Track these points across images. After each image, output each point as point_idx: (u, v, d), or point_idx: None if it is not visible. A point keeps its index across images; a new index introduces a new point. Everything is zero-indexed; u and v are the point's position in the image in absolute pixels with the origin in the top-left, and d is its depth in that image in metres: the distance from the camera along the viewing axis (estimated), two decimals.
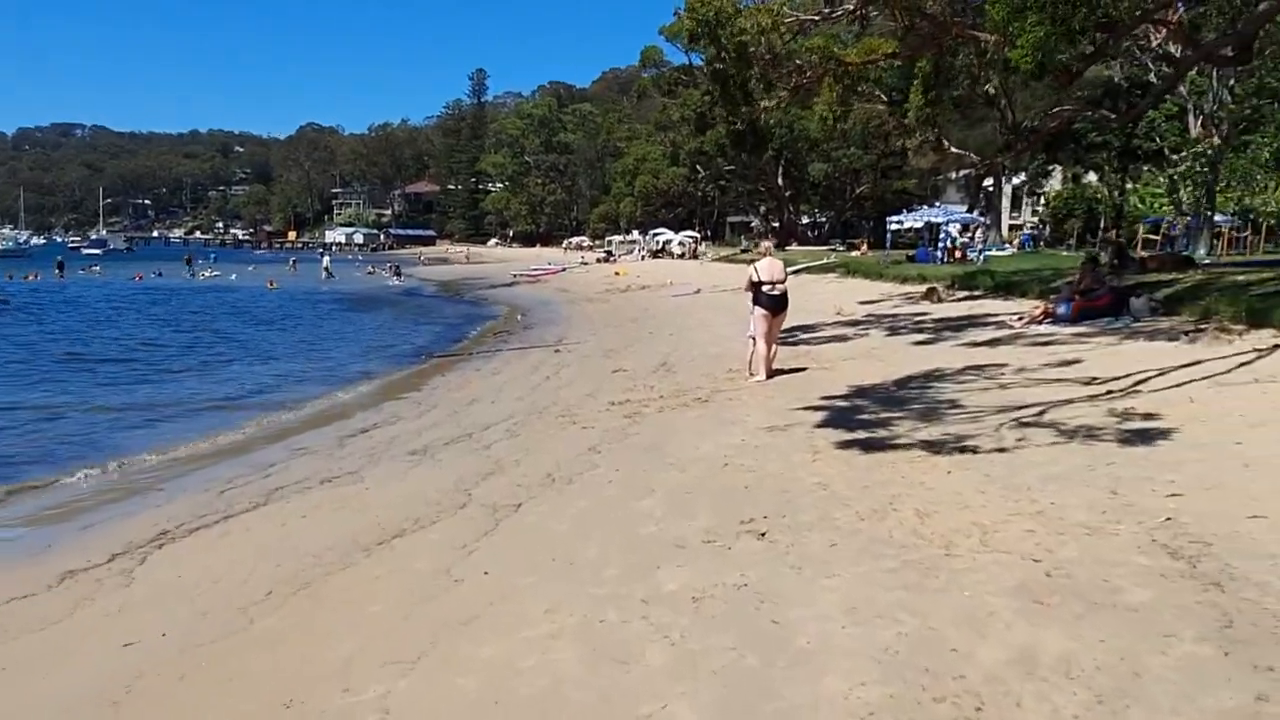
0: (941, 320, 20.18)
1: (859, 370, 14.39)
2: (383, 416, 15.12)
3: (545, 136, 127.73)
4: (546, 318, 34.26)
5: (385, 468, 10.74)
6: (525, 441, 11.45)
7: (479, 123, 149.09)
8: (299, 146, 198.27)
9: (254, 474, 11.08)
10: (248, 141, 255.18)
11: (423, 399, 16.91)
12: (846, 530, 6.47)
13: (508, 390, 16.84)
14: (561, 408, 13.84)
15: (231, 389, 18.97)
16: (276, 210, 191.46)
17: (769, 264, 14.34)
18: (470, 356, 24.10)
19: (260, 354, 25.46)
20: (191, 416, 15.92)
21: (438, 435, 12.64)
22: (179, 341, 28.01)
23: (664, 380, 15.57)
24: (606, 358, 20.11)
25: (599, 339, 24.54)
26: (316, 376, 21.18)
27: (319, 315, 39.61)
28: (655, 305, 33.70)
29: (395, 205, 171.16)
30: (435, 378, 20.22)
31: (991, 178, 63.11)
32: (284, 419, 15.63)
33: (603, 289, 45.40)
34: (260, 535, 8.10)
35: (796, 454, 9.01)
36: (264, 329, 33.01)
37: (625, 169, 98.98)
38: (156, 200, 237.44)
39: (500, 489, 8.90)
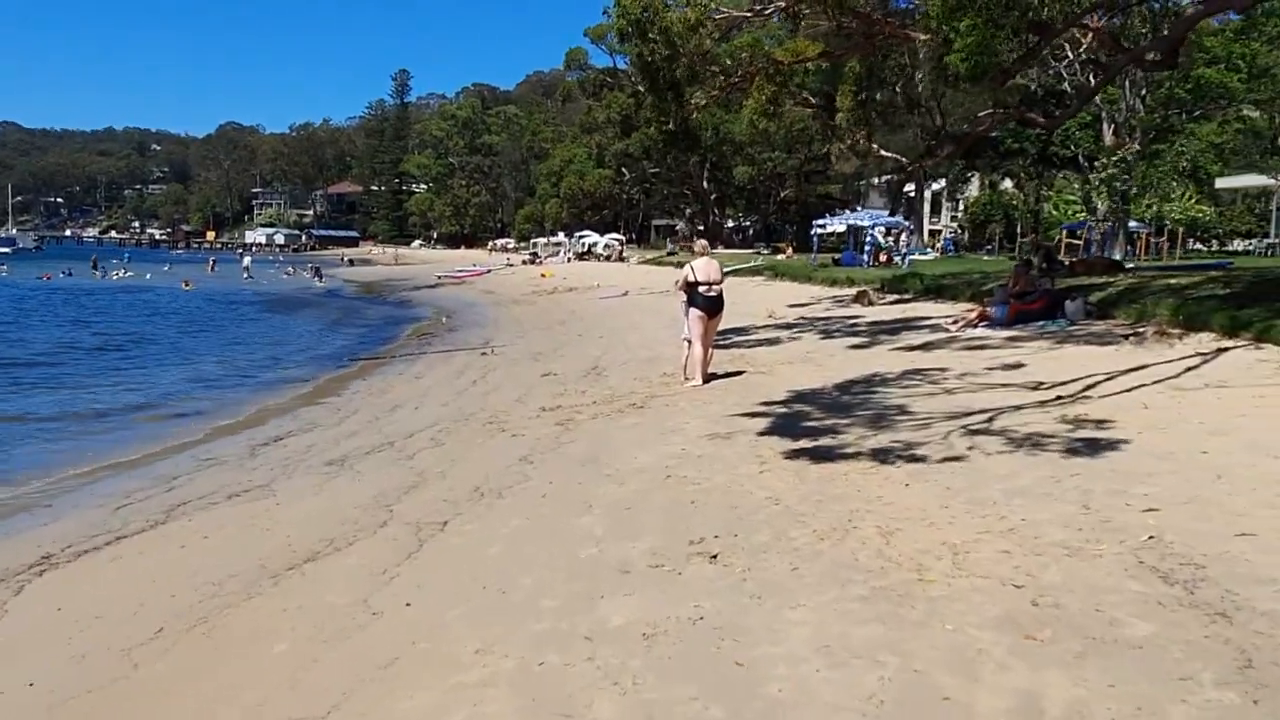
0: (875, 323, 19.86)
1: (797, 374, 13.93)
2: (299, 423, 14.31)
3: (469, 138, 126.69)
4: (472, 320, 33.46)
5: (299, 480, 9.99)
6: (451, 451, 10.77)
7: (402, 123, 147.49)
8: (218, 145, 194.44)
9: (155, 487, 10.25)
10: (165, 140, 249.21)
11: (342, 404, 16.12)
12: (807, 552, 5.93)
13: (432, 395, 16.11)
14: (489, 414, 13.17)
15: (138, 395, 17.95)
16: (195, 210, 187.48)
17: (706, 264, 13.82)
18: (393, 360, 23.27)
19: (171, 357, 24.35)
20: (91, 425, 14.94)
21: (357, 444, 11.89)
22: (83, 344, 26.67)
23: (596, 385, 14.97)
24: (535, 361, 19.45)
25: (527, 342, 23.87)
26: (231, 381, 20.23)
27: (236, 317, 38.36)
28: (583, 308, 33.08)
29: (317, 206, 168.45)
30: (356, 382, 19.40)
31: (913, 183, 63.66)
32: (193, 427, 14.74)
33: (529, 291, 44.64)
34: (156, 559, 7.33)
35: (743, 465, 8.46)
36: (177, 331, 31.72)
37: (550, 171, 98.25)
38: (69, 199, 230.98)
39: (424, 504, 8.23)
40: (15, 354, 23.97)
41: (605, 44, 79.17)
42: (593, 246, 78.57)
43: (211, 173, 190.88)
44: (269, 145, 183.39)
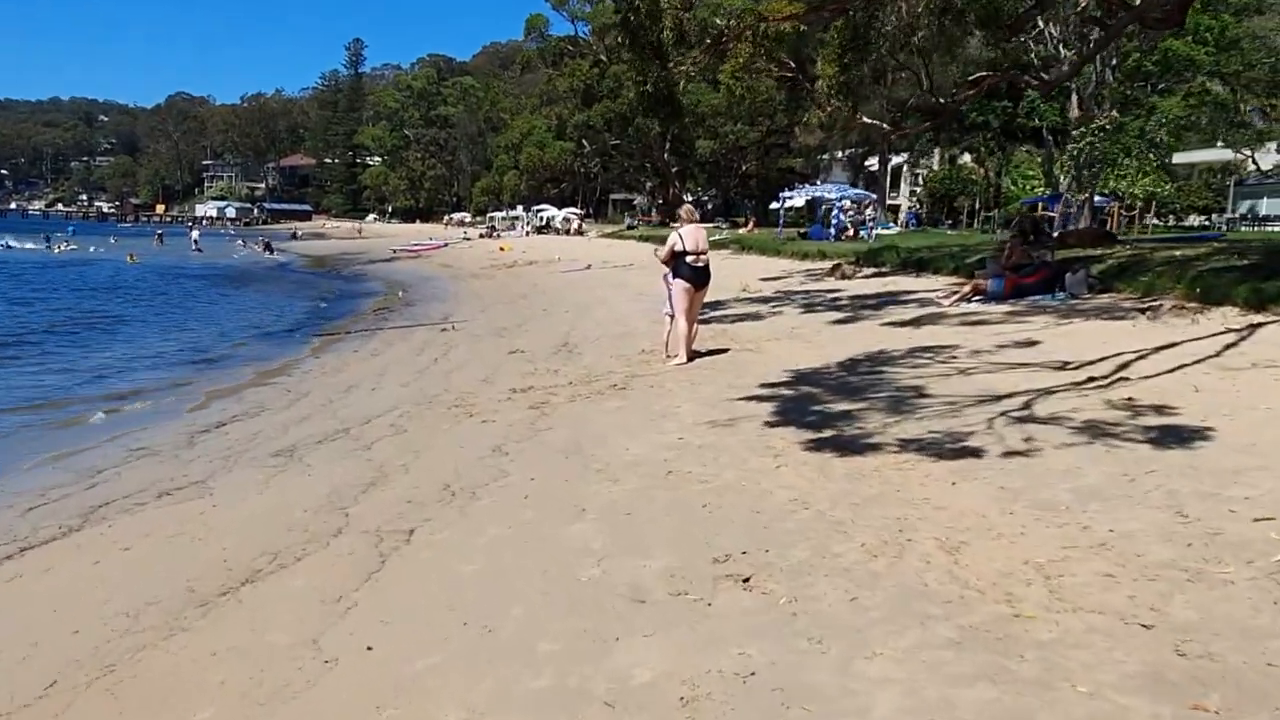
0: (858, 297, 18.85)
1: (789, 352, 12.85)
2: (244, 407, 13.03)
3: (425, 110, 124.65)
4: (430, 294, 32.07)
5: (241, 474, 8.76)
6: (414, 439, 9.58)
7: (356, 95, 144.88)
8: (167, 116, 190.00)
9: (75, 483, 8.97)
10: (112, 110, 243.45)
11: (293, 385, 14.84)
12: (860, 574, 4.84)
13: (390, 374, 14.87)
14: (454, 396, 11.99)
15: (67, 376, 16.53)
16: (144, 183, 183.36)
17: (693, 232, 12.66)
18: (347, 336, 21.95)
19: (109, 334, 22.88)
20: (14, 411, 13.54)
21: (308, 431, 10.67)
22: (10, 318, 25.08)
23: (569, 363, 13.81)
24: (499, 337, 18.25)
25: (489, 317, 22.62)
26: (172, 359, 18.86)
27: (183, 292, 36.66)
28: (545, 281, 31.84)
29: (269, 179, 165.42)
30: (308, 360, 18.10)
31: (875, 157, 62.83)
32: (126, 411, 13.42)
33: (488, 264, 43.25)
34: (63, 579, 6.11)
35: (754, 458, 7.36)
36: (120, 306, 30.09)
37: (509, 143, 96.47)
38: (14, 170, 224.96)
39: (386, 506, 7.06)
40: None
41: (567, 10, 77.53)
42: (551, 220, 77.20)
43: (161, 145, 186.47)
44: (220, 116, 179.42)
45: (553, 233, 70.39)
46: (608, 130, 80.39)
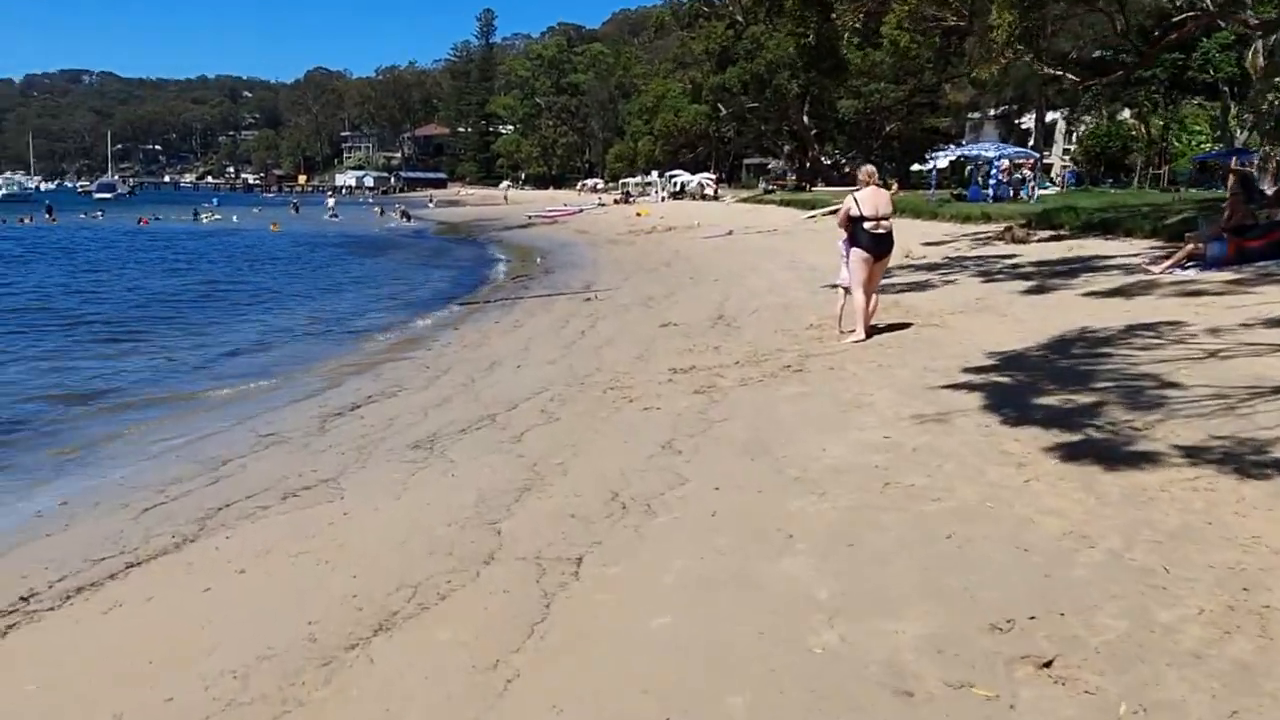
0: (1041, 264, 17.05)
1: (981, 328, 11.30)
2: (381, 386, 12.11)
3: (555, 78, 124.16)
4: (569, 261, 31.05)
5: (376, 471, 7.73)
6: (569, 430, 8.42)
7: (488, 65, 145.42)
8: (307, 91, 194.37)
9: (198, 476, 8.09)
10: (256, 86, 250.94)
11: (432, 361, 13.90)
12: (1219, 665, 3.44)
13: (535, 349, 13.81)
14: (608, 375, 10.82)
15: (205, 351, 15.96)
16: (286, 155, 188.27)
17: (872, 195, 11.16)
18: (486, 306, 21.07)
19: (247, 305, 22.47)
20: (141, 389, 12.91)
21: (450, 417, 9.62)
22: (146, 293, 24.97)
23: (729, 339, 12.51)
24: (647, 308, 17.05)
25: (633, 285, 21.43)
26: (309, 332, 18.24)
27: (321, 260, 36.54)
28: (687, 248, 30.47)
29: (405, 148, 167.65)
30: (447, 332, 17.24)
31: (1032, 114, 59.47)
32: (259, 390, 12.67)
33: (626, 230, 42.06)
34: (165, 613, 5.10)
35: (990, 467, 5.96)
36: (259, 275, 29.93)
37: (643, 107, 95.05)
38: (167, 146, 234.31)
39: (544, 521, 5.89)
40: (92, 310, 22.33)
41: None
42: (685, 185, 75.72)
43: (301, 118, 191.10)
44: (356, 89, 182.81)
45: (688, 198, 68.91)
46: (744, 93, 78.25)
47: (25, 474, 8.97)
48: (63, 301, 22.32)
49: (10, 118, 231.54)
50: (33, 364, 14.57)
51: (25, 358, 15.07)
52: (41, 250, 39.85)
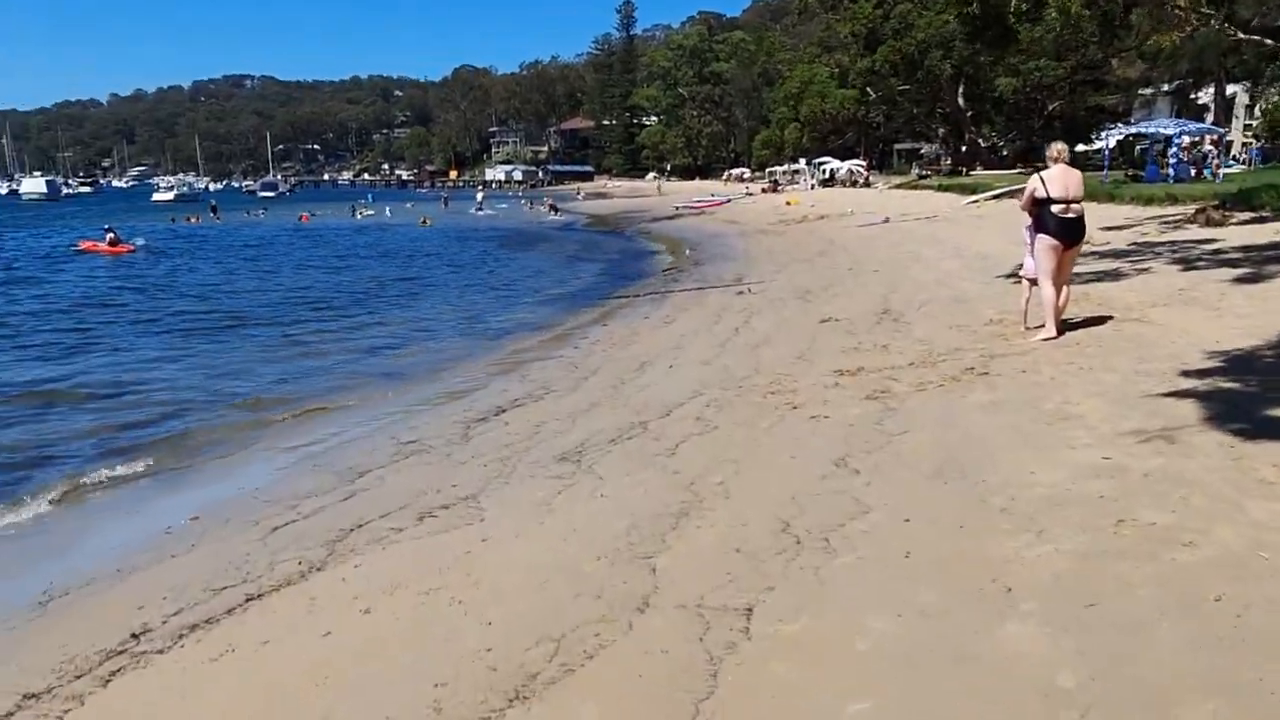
0: (1249, 249, 15.35)
1: (1193, 323, 9.99)
2: (528, 388, 11.53)
3: (698, 67, 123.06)
4: (719, 252, 30.17)
5: (519, 489, 7.06)
6: (728, 441, 7.61)
7: (629, 56, 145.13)
8: (455, 88, 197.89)
9: (333, 490, 7.60)
10: (406, 85, 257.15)
11: (580, 359, 13.29)
12: None
13: (688, 347, 13.04)
14: (768, 378, 9.96)
15: (353, 350, 15.72)
16: (437, 151, 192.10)
17: (1062, 174, 9.96)
18: (635, 300, 20.44)
19: (396, 302, 22.33)
20: (286, 389, 12.65)
21: (598, 424, 8.92)
22: (298, 290, 25.14)
23: (898, 336, 11.49)
24: (805, 301, 16.09)
25: (788, 277, 20.45)
26: (456, 328, 17.93)
27: (470, 255, 36.56)
28: (841, 237, 29.25)
29: (551, 142, 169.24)
30: (595, 328, 16.65)
31: (1211, 88, 55.85)
32: (403, 391, 12.25)
33: (776, 220, 40.95)
34: (279, 662, 4.49)
35: (1249, 500, 4.90)
36: (408, 272, 29.93)
37: (788, 93, 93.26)
38: (325, 145, 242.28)
39: (705, 558, 5.10)
40: (245, 308, 22.57)
41: None
42: (835, 173, 73.91)
43: (450, 114, 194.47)
44: (502, 85, 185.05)
45: (837, 186, 67.21)
46: (893, 75, 75.80)
47: (164, 482, 8.71)
48: (220, 301, 22.61)
49: (181, 122, 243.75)
50: (185, 364, 14.56)
51: (178, 358, 15.08)
52: (206, 248, 41.10)
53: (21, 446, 10.04)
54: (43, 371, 14.36)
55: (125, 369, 14.17)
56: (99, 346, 16.44)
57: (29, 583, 6.21)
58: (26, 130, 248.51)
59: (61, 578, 6.22)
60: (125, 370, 14.07)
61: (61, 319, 19.61)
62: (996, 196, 34.83)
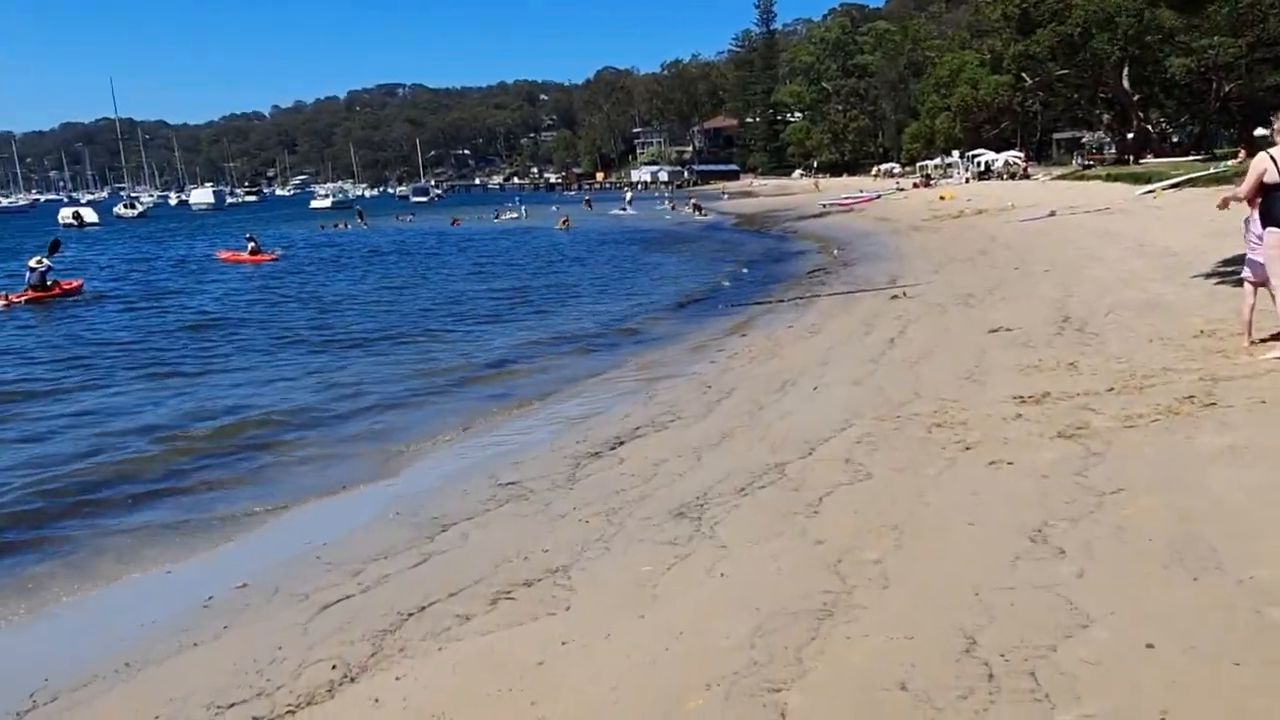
0: None
1: None
2: (652, 411, 10.18)
3: (841, 61, 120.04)
4: (870, 252, 28.26)
5: (619, 559, 5.68)
6: (884, 496, 6.07)
7: (770, 52, 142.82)
8: (597, 90, 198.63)
9: (406, 552, 6.43)
10: (550, 89, 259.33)
11: (714, 377, 11.87)
12: None
13: (836, 362, 11.49)
14: (930, 403, 8.36)
15: (469, 362, 14.67)
16: (583, 153, 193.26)
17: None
18: (779, 306, 18.91)
19: (525, 310, 21.27)
20: (388, 414, 11.55)
21: (727, 464, 7.49)
22: (428, 298, 24.35)
23: (1086, 351, 9.71)
24: (968, 307, 14.32)
25: (946, 278, 18.58)
26: (577, 339, 16.72)
27: (608, 259, 35.42)
28: (1003, 233, 27.01)
29: (695, 142, 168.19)
30: (733, 340, 15.20)
31: None
32: (517, 416, 11.05)
33: (930, 215, 38.67)
34: None
35: None
36: (540, 278, 28.90)
37: (938, 81, 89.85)
38: (474, 150, 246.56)
39: (855, 698, 3.61)
40: (369, 322, 21.87)
41: None
42: (990, 165, 70.57)
43: (594, 117, 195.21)
44: (643, 86, 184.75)
45: (994, 178, 64.03)
46: (1051, 59, 71.93)
47: (229, 529, 7.70)
48: (345, 315, 21.87)
49: (338, 132, 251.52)
50: (293, 385, 13.67)
51: (290, 377, 14.23)
52: (349, 255, 41.11)
53: (85, 473, 9.20)
54: (136, 390, 13.64)
55: (227, 391, 13.28)
56: (213, 365, 15.63)
57: (27, 677, 5.12)
58: (198, 143, 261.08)
59: (64, 671, 5.12)
60: (227, 392, 13.19)
61: (181, 338, 18.85)
62: (1175, 185, 31.91)
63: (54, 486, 8.87)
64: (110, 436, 10.79)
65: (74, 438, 10.81)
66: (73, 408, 12.51)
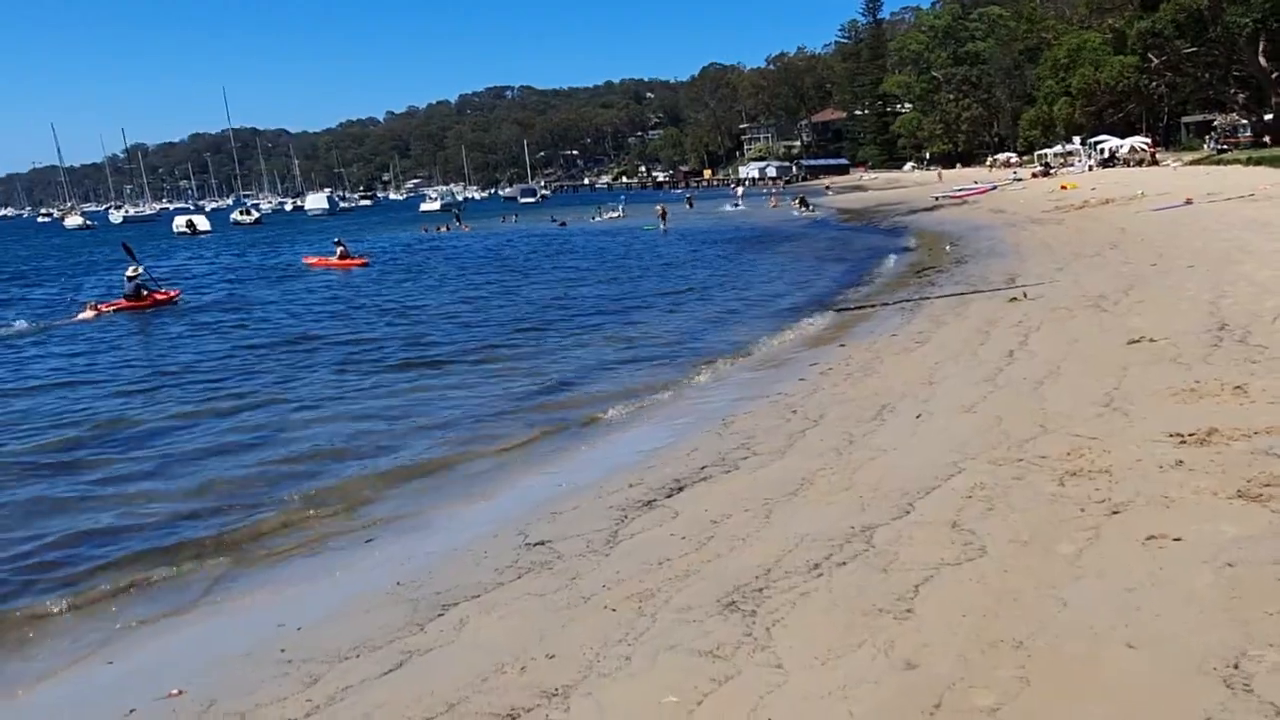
0: None
1: None
2: (724, 446, 8.67)
3: (952, 48, 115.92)
4: (985, 247, 26.09)
5: (640, 685, 4.20)
6: (1004, 586, 4.50)
7: (878, 42, 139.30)
8: (703, 87, 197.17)
9: (385, 647, 5.08)
10: (656, 87, 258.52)
11: (801, 399, 10.30)
12: None
13: (944, 381, 9.83)
14: (1061, 441, 6.74)
15: (529, 384, 13.23)
16: (690, 150, 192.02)
17: None
18: (882, 309, 17.21)
19: (599, 318, 19.79)
20: (430, 450, 10.16)
21: (801, 525, 5.97)
22: (506, 308, 23.02)
23: (1256, 370, 7.92)
24: (1099, 310, 12.45)
25: (1072, 277, 16.58)
26: (653, 353, 15.17)
27: (699, 258, 33.65)
28: (1135, 224, 24.63)
29: (803, 136, 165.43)
30: (829, 350, 13.56)
31: None
32: (567, 455, 9.61)
33: (1050, 206, 36.11)
34: None
35: None
36: (621, 286, 27.20)
37: (1056, 63, 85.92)
38: (583, 150, 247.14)
39: None
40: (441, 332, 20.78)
41: None
42: (1115, 151, 66.94)
43: (700, 114, 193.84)
44: (749, 81, 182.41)
45: (1120, 165, 60.60)
46: (1179, 35, 67.92)
47: (202, 595, 6.41)
48: (417, 324, 20.70)
49: (449, 135, 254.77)
50: (342, 408, 12.46)
51: (336, 401, 12.98)
52: (436, 260, 40.12)
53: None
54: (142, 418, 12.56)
55: (259, 422, 11.92)
56: (256, 389, 14.16)
57: None
58: (315, 150, 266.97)
59: None
60: (260, 422, 11.90)
61: (244, 355, 17.54)
62: None
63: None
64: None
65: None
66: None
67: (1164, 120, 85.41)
